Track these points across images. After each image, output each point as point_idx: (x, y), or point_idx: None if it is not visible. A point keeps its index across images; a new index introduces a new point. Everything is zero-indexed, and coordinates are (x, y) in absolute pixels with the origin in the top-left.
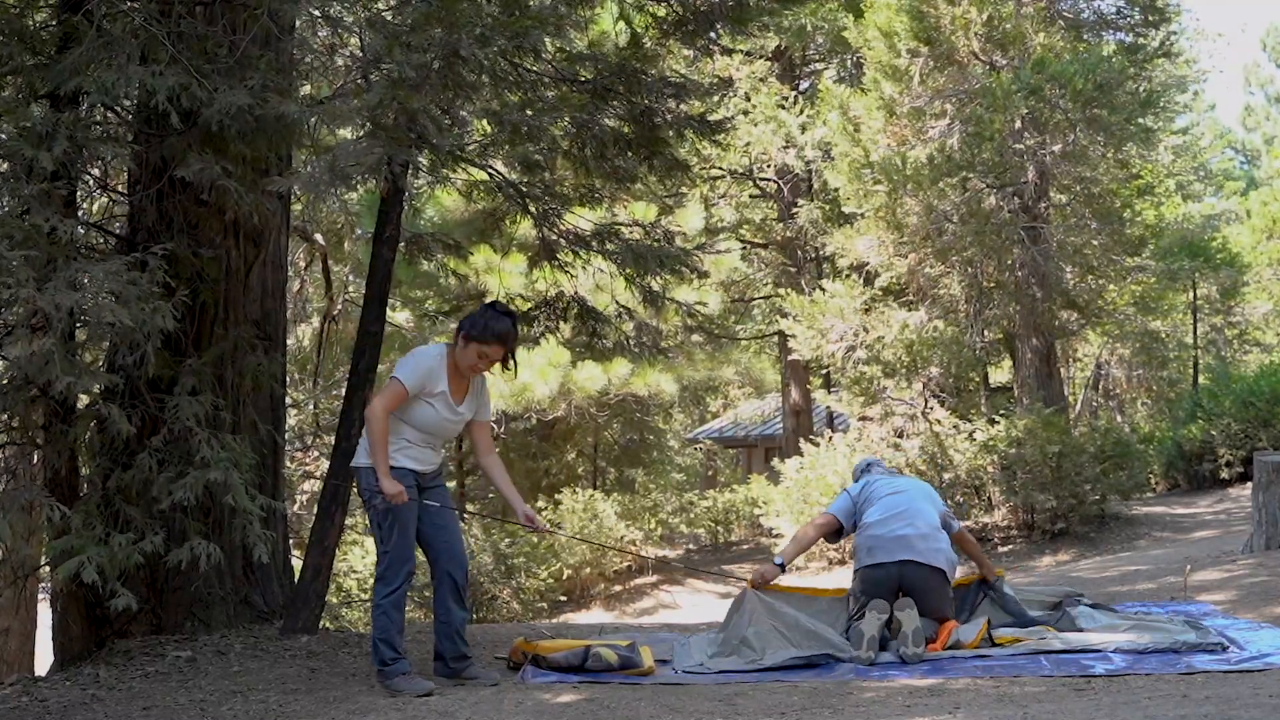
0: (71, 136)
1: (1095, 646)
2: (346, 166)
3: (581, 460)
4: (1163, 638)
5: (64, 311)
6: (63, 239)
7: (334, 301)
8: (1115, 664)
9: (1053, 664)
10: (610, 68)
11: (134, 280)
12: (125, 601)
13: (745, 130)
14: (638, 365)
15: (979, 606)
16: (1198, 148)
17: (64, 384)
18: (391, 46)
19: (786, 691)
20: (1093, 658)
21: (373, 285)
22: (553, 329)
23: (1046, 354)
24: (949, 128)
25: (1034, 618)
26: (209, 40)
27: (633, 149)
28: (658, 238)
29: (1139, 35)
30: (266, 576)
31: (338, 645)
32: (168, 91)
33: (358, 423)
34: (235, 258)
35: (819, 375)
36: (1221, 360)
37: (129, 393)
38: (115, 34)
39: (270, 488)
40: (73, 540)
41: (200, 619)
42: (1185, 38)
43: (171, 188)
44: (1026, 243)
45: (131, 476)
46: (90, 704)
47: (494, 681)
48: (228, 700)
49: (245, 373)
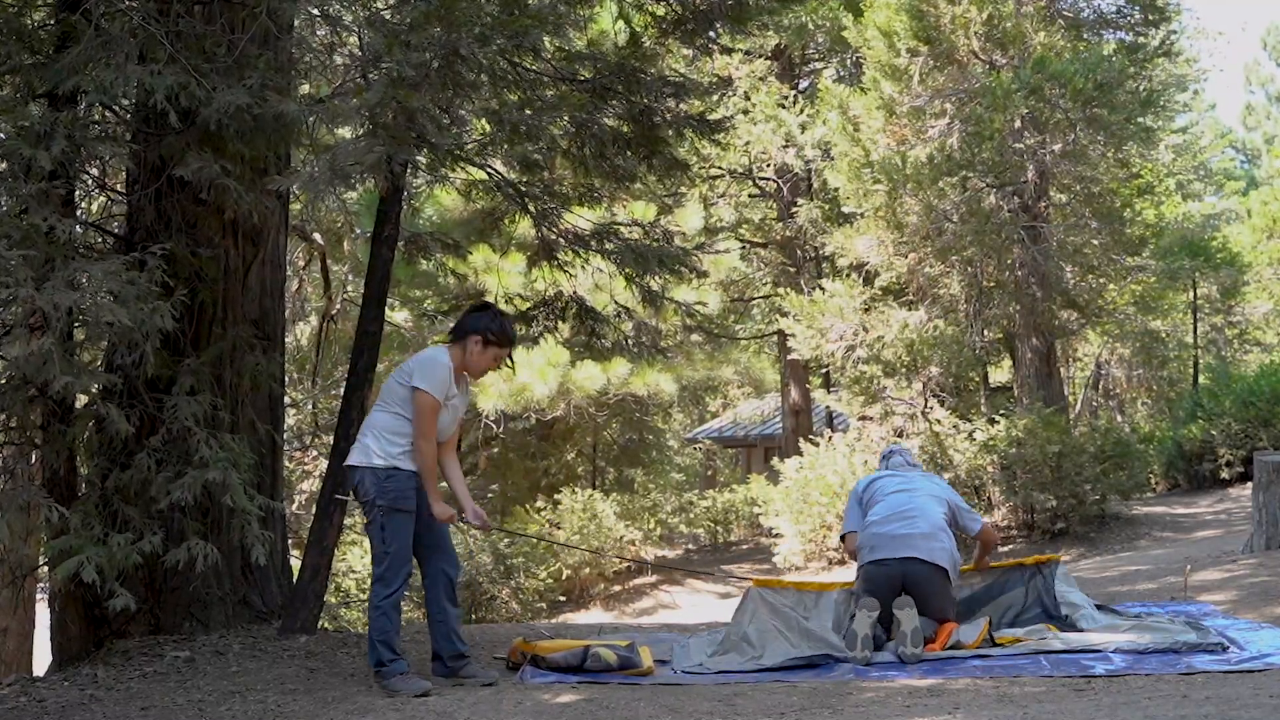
0: (70, 136)
1: (1095, 646)
2: (346, 166)
3: (581, 460)
4: (1163, 638)
5: (62, 311)
6: (61, 238)
7: (332, 301)
8: (1115, 664)
9: (1052, 664)
10: (609, 67)
11: (132, 280)
12: (124, 601)
13: (744, 129)
14: (637, 365)
15: (1029, 590)
16: (1198, 147)
17: (62, 383)
18: (391, 45)
19: (786, 692)
20: (1093, 658)
21: (371, 285)
22: (552, 328)
23: (1046, 354)
24: (949, 127)
25: (1066, 613)
26: (207, 39)
27: (632, 148)
28: (657, 237)
29: (1139, 34)
30: (265, 577)
31: (336, 645)
32: (166, 90)
33: (356, 422)
34: (234, 257)
35: (818, 375)
36: (1222, 360)
37: (127, 393)
38: (113, 33)
39: (269, 488)
40: (71, 540)
41: (198, 619)
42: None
43: (170, 187)
44: (1026, 242)
45: (130, 476)
46: (88, 704)
47: (491, 681)
48: (226, 701)
49: (244, 372)
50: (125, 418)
